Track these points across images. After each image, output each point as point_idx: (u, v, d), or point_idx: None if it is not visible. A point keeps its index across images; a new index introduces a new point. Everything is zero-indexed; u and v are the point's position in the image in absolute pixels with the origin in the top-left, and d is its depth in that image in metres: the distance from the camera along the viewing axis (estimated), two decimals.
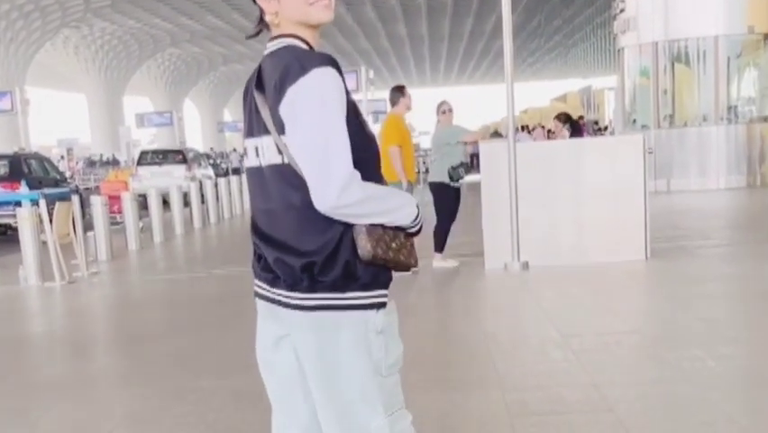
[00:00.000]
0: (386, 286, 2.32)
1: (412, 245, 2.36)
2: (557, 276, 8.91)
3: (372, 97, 36.98)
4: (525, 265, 9.43)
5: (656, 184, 18.80)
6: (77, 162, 51.26)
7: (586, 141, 11.99)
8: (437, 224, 10.05)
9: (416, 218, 2.34)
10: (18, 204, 13.01)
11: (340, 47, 71.58)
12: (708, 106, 19.48)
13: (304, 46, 2.32)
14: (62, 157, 49.72)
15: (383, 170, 7.66)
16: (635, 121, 20.78)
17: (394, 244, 2.27)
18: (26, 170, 17.83)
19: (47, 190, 14.65)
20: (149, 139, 66.42)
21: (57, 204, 11.46)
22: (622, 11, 19.86)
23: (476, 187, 10.15)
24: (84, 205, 14.56)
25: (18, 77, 48.00)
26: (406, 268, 2.33)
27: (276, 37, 2.36)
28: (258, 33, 2.46)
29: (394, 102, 9.93)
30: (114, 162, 52.88)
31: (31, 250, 10.88)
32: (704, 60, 19.35)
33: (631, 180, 9.51)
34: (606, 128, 38.21)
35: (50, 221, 10.92)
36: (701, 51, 19.32)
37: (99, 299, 10.14)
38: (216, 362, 6.33)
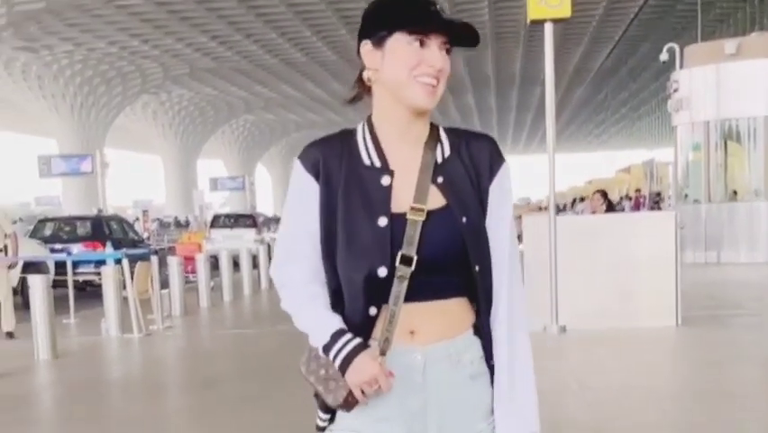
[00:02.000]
0: (324, 410, 2.11)
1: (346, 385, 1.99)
2: (590, 339, 9.65)
3: None
4: (563, 329, 10.18)
5: (707, 256, 19.48)
6: (151, 223, 52.95)
7: (623, 216, 12.88)
8: None
9: (325, 351, 2.02)
10: (101, 263, 14.20)
11: None
12: (759, 182, 20.10)
13: (360, 138, 2.12)
14: (137, 218, 51.44)
15: None
16: (686, 196, 21.43)
17: (323, 372, 2.02)
18: (107, 231, 19.08)
19: (129, 251, 15.76)
20: (221, 202, 68.19)
21: (138, 263, 12.56)
22: (676, 90, 20.65)
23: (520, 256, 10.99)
24: (161, 264, 15.65)
25: (98, 140, 49.85)
26: (330, 403, 2.03)
27: (353, 99, 2.21)
28: (356, 99, 2.20)
29: None
30: (186, 224, 54.50)
31: (113, 304, 11.92)
32: (754, 139, 20.04)
33: (664, 252, 10.26)
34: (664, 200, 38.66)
35: (131, 279, 11.99)
36: (751, 130, 20.01)
37: (173, 350, 11.16)
38: (279, 402, 7.22)
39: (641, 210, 28.41)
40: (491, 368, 2.11)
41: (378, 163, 2.07)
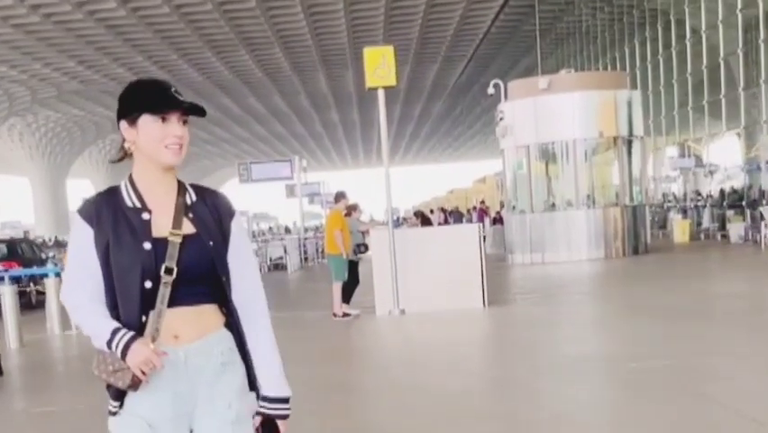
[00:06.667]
0: (115, 398, 2.61)
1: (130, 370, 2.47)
2: (423, 317, 13.30)
3: (309, 180, 41.28)
4: (403, 311, 13.73)
5: (532, 257, 23.53)
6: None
7: (444, 228, 16.87)
8: (344, 284, 14.31)
9: (108, 345, 2.51)
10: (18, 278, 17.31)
11: (276, 132, 75.35)
12: (571, 195, 24.36)
13: (123, 189, 2.66)
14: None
15: (328, 247, 13.92)
16: (514, 207, 25.54)
17: (110, 367, 2.51)
18: (20, 252, 21.54)
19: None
20: None
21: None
22: (502, 119, 24.52)
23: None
24: None
25: None
26: (122, 387, 2.53)
27: (119, 159, 2.73)
28: (121, 159, 2.72)
29: (337, 201, 14.94)
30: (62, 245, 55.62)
31: (54, 307, 14.67)
32: (566, 158, 24.29)
33: (472, 254, 13.96)
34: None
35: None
36: (564, 151, 24.28)
37: None
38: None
39: (485, 220, 32.66)
40: (245, 354, 2.69)
41: (138, 205, 2.63)
